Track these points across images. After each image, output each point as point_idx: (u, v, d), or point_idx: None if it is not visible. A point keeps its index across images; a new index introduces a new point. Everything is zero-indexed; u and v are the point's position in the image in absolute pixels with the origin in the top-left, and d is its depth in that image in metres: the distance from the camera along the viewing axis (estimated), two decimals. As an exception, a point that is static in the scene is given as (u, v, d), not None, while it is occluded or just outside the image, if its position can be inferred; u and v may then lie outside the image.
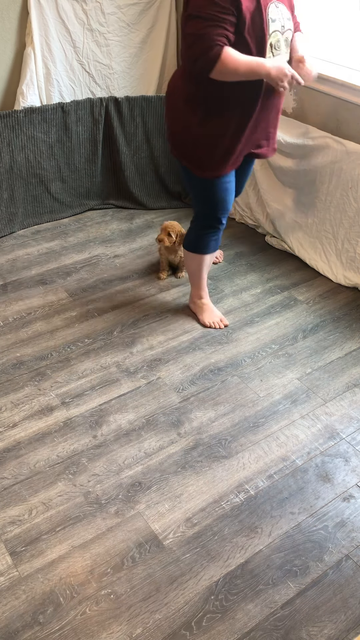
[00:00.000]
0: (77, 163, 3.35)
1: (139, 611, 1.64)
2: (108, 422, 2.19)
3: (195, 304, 2.71)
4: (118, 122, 3.30)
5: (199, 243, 2.52)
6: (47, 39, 3.17)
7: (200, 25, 1.91)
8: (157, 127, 3.38)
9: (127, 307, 2.77)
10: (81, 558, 1.76)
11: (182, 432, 2.16)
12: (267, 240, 3.28)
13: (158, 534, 1.83)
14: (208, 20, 1.90)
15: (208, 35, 1.90)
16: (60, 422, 2.19)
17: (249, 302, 2.82)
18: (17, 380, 2.36)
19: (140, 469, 2.02)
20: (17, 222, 3.32)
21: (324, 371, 2.43)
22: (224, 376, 2.40)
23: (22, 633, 1.59)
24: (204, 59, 1.93)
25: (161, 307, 2.77)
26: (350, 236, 2.82)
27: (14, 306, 2.76)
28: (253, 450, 2.10)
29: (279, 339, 2.60)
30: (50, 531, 1.83)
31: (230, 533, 1.83)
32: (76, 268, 3.04)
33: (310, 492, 1.96)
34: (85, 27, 3.27)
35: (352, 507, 1.92)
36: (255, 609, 1.65)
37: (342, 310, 2.77)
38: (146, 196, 3.57)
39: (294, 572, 1.74)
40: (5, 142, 3.04)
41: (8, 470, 2.01)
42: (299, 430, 2.18)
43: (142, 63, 3.58)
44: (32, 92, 3.22)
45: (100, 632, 1.59)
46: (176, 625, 1.61)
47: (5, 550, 1.77)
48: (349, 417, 2.23)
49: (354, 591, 1.70)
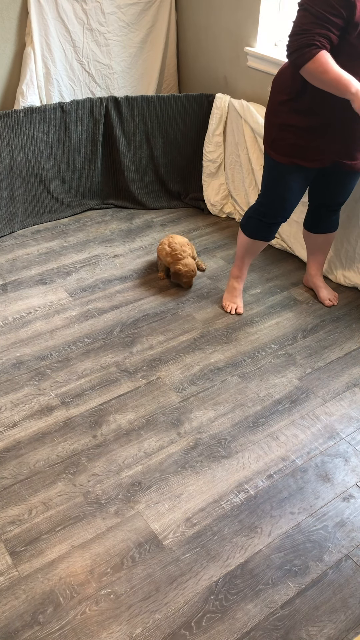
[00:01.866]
0: (77, 163, 3.35)
1: (138, 611, 1.64)
2: (108, 422, 2.19)
3: (228, 280, 2.80)
4: (118, 122, 3.30)
5: (246, 222, 2.56)
6: (47, 39, 3.18)
7: (306, 20, 1.89)
8: (157, 127, 3.38)
9: (127, 306, 2.77)
10: (81, 558, 1.76)
11: (181, 432, 2.16)
12: (267, 240, 3.28)
13: (158, 534, 1.83)
14: (315, 17, 1.88)
15: (310, 33, 1.89)
16: (60, 422, 2.19)
17: (248, 302, 2.82)
18: (16, 380, 2.36)
19: (140, 469, 2.02)
20: (17, 222, 3.32)
21: (323, 371, 2.43)
22: (223, 376, 2.40)
23: (22, 633, 1.59)
24: (299, 54, 1.93)
25: (161, 307, 2.77)
26: (349, 236, 2.82)
27: (13, 306, 2.76)
28: (253, 450, 2.10)
29: (279, 339, 2.60)
30: (50, 531, 1.83)
31: (230, 533, 1.83)
32: (76, 268, 3.04)
33: (310, 492, 1.96)
34: (85, 27, 3.27)
35: (352, 507, 1.92)
36: (255, 609, 1.65)
37: (341, 310, 2.77)
38: (146, 196, 3.57)
39: (293, 572, 1.74)
40: (5, 142, 3.04)
41: (8, 470, 2.01)
42: (299, 430, 2.18)
43: (142, 63, 3.58)
44: (32, 92, 3.23)
45: (100, 632, 1.59)
46: (176, 625, 1.61)
47: (5, 550, 1.77)
48: (349, 417, 2.23)
49: (354, 591, 1.70)
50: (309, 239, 2.71)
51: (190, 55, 3.67)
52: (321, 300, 2.80)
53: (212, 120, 3.30)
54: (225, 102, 3.23)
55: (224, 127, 3.30)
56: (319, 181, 2.45)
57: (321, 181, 2.44)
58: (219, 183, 3.46)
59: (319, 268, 2.81)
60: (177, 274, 2.80)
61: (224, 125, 3.29)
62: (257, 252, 2.66)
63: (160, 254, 2.88)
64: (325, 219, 2.60)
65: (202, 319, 2.70)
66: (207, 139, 3.36)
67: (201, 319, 2.70)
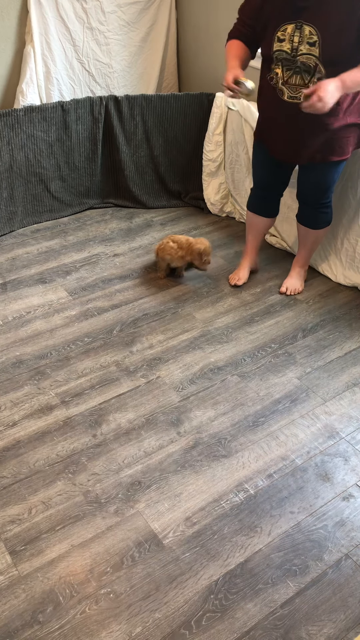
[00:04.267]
0: (77, 162, 3.35)
1: (138, 610, 1.64)
2: (108, 421, 2.19)
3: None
4: (118, 121, 3.30)
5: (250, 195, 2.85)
6: (47, 38, 3.17)
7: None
8: (157, 126, 3.38)
9: (127, 306, 2.77)
10: (81, 557, 1.76)
11: (181, 431, 2.16)
12: (266, 239, 3.28)
13: (157, 533, 1.83)
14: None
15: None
16: (59, 421, 2.19)
17: (248, 301, 2.82)
18: (16, 379, 2.36)
19: (139, 468, 2.02)
20: (17, 221, 3.32)
21: (323, 370, 2.43)
22: (223, 375, 2.40)
23: (22, 632, 1.59)
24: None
25: (161, 306, 2.77)
26: (349, 235, 2.82)
27: (13, 305, 2.76)
28: (253, 450, 2.10)
29: (279, 338, 2.60)
30: (50, 530, 1.83)
31: (229, 532, 1.84)
32: (76, 267, 3.04)
33: (310, 491, 1.96)
34: (85, 26, 3.26)
35: (352, 507, 1.92)
36: (255, 608, 1.65)
37: (341, 310, 2.77)
38: (146, 195, 3.57)
39: (293, 571, 1.74)
40: (5, 141, 3.04)
41: (8, 469, 2.01)
42: (299, 430, 2.18)
43: (142, 62, 3.58)
44: (31, 91, 3.22)
45: (99, 631, 1.59)
46: (176, 625, 1.61)
47: (4, 549, 1.77)
48: (349, 416, 2.24)
49: (354, 590, 1.70)
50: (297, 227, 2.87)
51: (190, 55, 3.67)
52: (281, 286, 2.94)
53: (212, 120, 3.29)
54: (226, 101, 3.23)
55: (224, 126, 3.30)
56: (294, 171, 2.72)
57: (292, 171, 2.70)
58: (219, 182, 3.46)
59: (298, 259, 2.90)
60: (200, 254, 2.80)
61: (224, 124, 3.29)
62: (255, 229, 2.87)
63: (165, 252, 2.87)
64: (302, 211, 2.72)
65: (202, 318, 2.70)
66: (207, 138, 3.36)
67: (201, 318, 2.70)
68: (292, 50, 2.21)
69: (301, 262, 2.90)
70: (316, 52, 2.17)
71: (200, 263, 2.84)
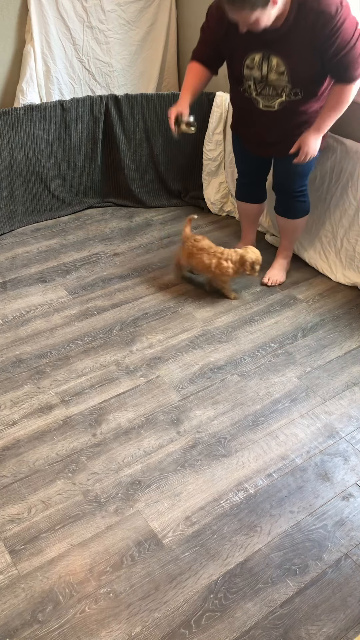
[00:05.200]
0: (77, 161, 3.35)
1: (138, 610, 1.64)
2: (107, 421, 2.19)
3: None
4: (118, 120, 3.30)
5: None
6: (47, 37, 3.17)
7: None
8: (157, 125, 3.37)
9: (127, 305, 2.77)
10: (80, 556, 1.76)
11: (181, 430, 2.16)
12: (266, 239, 3.28)
13: (157, 533, 1.83)
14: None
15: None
16: (59, 421, 2.18)
17: (248, 301, 2.81)
18: (16, 378, 2.36)
19: (139, 468, 2.02)
20: (17, 220, 3.31)
21: (323, 370, 2.43)
22: (223, 375, 2.40)
23: (22, 631, 1.59)
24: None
25: (161, 306, 2.77)
26: (349, 235, 2.82)
27: (13, 304, 2.76)
28: (252, 449, 2.10)
29: (279, 338, 2.60)
30: (50, 529, 1.83)
31: (229, 532, 1.84)
32: (75, 266, 3.04)
33: (310, 491, 1.96)
34: (85, 25, 3.26)
35: (352, 506, 1.92)
36: (255, 608, 1.65)
37: (341, 309, 2.77)
38: (146, 194, 3.57)
39: (293, 570, 1.74)
40: (5, 140, 3.04)
41: (7, 469, 2.01)
42: (299, 429, 2.18)
43: (142, 61, 3.58)
44: (31, 90, 3.22)
45: (99, 631, 1.59)
46: (175, 624, 1.61)
47: (4, 549, 1.77)
48: (349, 416, 2.23)
49: (353, 590, 1.70)
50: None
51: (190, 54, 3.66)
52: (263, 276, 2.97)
53: (212, 119, 3.29)
54: (226, 100, 3.23)
55: (224, 126, 3.30)
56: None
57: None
58: (219, 181, 3.46)
59: (280, 250, 2.96)
60: (253, 264, 2.67)
61: (224, 123, 3.29)
62: (247, 217, 2.98)
63: (222, 273, 2.71)
64: (279, 201, 2.78)
65: (202, 317, 2.70)
66: (207, 137, 3.36)
67: (201, 317, 2.70)
68: (262, 77, 2.33)
69: (284, 254, 2.94)
70: (285, 80, 2.28)
71: (252, 272, 2.71)
